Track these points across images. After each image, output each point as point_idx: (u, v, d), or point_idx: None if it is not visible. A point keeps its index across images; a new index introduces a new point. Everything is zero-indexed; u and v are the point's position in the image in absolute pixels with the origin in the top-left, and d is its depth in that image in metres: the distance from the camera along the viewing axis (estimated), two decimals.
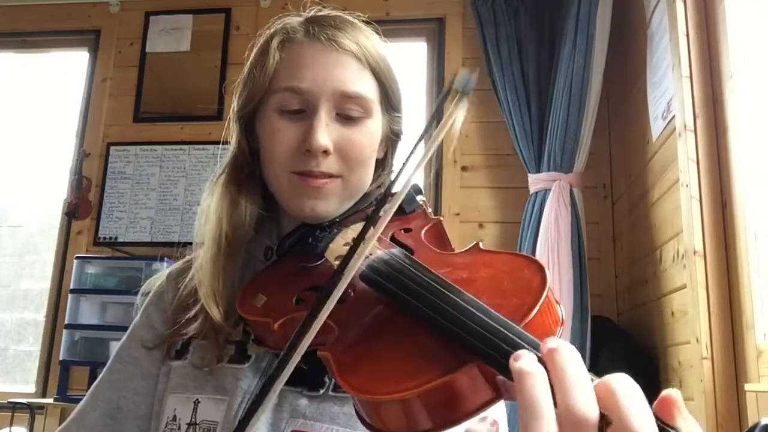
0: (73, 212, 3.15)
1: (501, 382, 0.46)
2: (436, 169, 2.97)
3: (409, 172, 0.55)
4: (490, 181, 2.91)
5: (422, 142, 0.56)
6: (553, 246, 2.45)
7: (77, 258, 2.92)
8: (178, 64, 3.31)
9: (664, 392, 0.39)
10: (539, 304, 0.49)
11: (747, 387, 1.57)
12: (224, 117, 3.15)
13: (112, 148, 3.22)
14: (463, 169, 2.94)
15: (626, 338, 2.43)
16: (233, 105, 0.81)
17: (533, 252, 2.51)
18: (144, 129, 3.24)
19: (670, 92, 2.00)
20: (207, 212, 0.79)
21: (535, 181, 2.64)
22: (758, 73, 1.70)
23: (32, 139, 3.60)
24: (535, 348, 0.43)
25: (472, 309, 0.49)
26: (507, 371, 0.43)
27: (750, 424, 0.43)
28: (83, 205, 3.16)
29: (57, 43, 3.55)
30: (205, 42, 3.30)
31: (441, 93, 0.56)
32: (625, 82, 2.69)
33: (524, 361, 0.40)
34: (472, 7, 2.92)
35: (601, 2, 2.53)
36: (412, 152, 0.56)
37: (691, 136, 1.83)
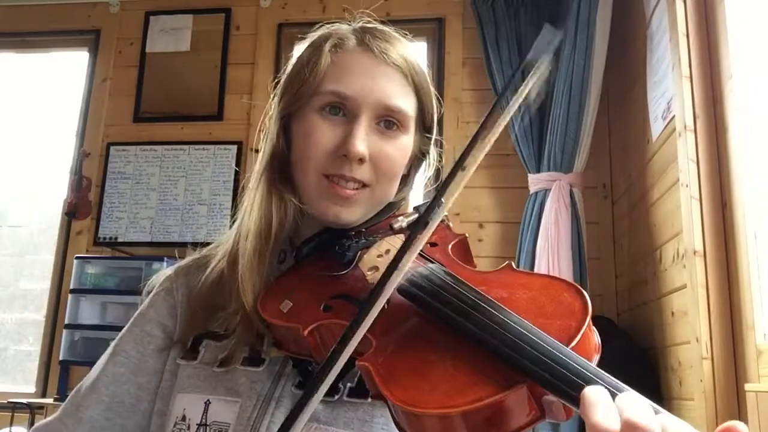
0: (73, 212, 3.15)
1: (547, 403, 0.46)
2: (436, 168, 2.97)
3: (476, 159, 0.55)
4: (490, 181, 2.91)
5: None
6: (553, 246, 2.45)
7: (77, 258, 2.92)
8: (178, 64, 3.31)
9: (729, 424, 0.40)
10: (584, 328, 0.50)
11: (747, 387, 1.57)
12: (224, 117, 3.15)
13: (112, 148, 3.22)
14: (463, 169, 2.93)
15: (626, 338, 2.42)
16: (272, 102, 0.81)
17: (533, 252, 2.51)
18: (144, 129, 3.24)
19: (670, 92, 2.00)
20: (251, 208, 0.78)
21: (535, 181, 2.64)
22: (758, 73, 1.70)
23: (32, 139, 3.60)
24: (591, 372, 0.44)
25: (522, 329, 0.49)
26: (562, 393, 0.44)
27: (750, 424, 0.43)
28: (83, 205, 3.16)
29: (57, 43, 3.55)
30: (205, 42, 3.30)
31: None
32: (625, 82, 2.69)
33: (594, 391, 0.42)
34: (472, 7, 2.92)
35: (601, 2, 2.53)
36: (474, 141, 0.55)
37: (691, 136, 1.83)
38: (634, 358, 2.24)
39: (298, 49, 0.82)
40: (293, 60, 0.81)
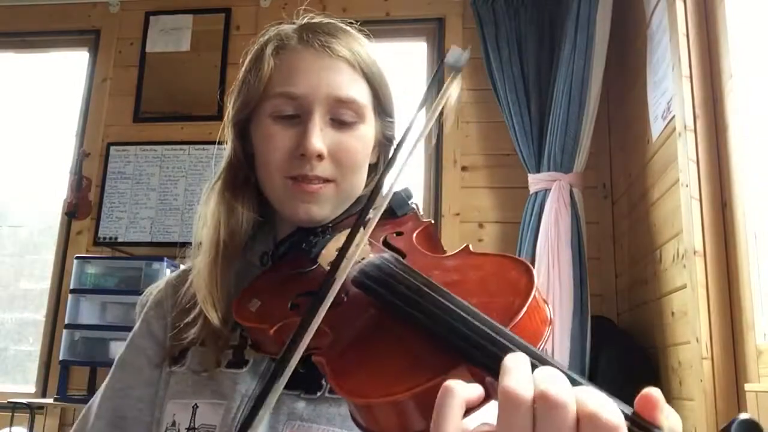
0: (73, 212, 3.15)
1: (490, 384, 0.47)
2: (436, 169, 2.97)
3: (402, 161, 0.56)
4: (490, 181, 2.91)
5: (415, 127, 0.57)
6: (553, 246, 2.45)
7: (77, 258, 2.92)
8: (178, 64, 3.31)
9: (644, 391, 0.39)
10: (527, 305, 0.50)
11: (747, 387, 1.57)
12: (224, 117, 3.15)
13: (112, 148, 3.22)
14: (463, 169, 2.94)
15: (626, 338, 2.42)
16: (228, 111, 0.82)
17: (533, 252, 2.51)
18: (144, 129, 3.24)
19: (670, 92, 2.00)
20: (204, 218, 0.79)
21: (535, 181, 2.64)
22: (758, 73, 1.70)
23: (32, 139, 3.60)
24: (523, 350, 0.44)
25: (462, 312, 0.50)
26: (494, 372, 0.43)
27: None
28: (83, 205, 3.16)
29: (57, 43, 3.55)
30: (205, 42, 3.29)
31: (435, 71, 0.59)
32: (625, 82, 2.69)
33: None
34: (472, 7, 2.92)
35: (601, 2, 2.53)
36: (404, 136, 0.57)
37: (691, 136, 1.83)
38: (634, 358, 2.24)
39: (245, 56, 0.82)
40: (241, 68, 0.82)
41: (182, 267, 0.87)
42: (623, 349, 2.32)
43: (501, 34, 2.82)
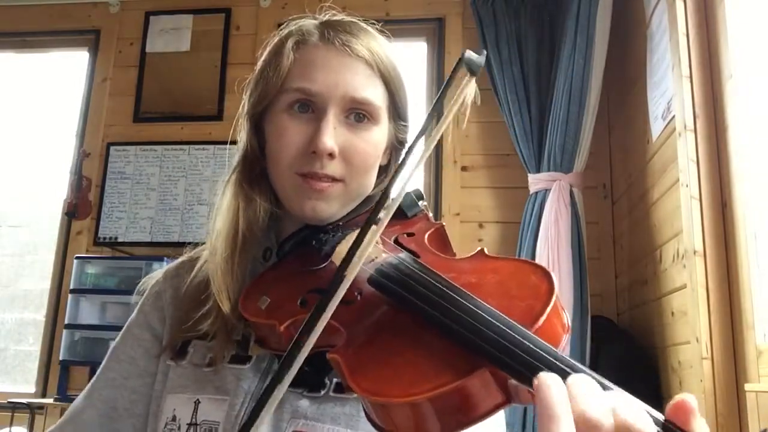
0: (73, 212, 3.15)
1: (512, 387, 0.46)
2: (436, 169, 2.97)
3: (411, 166, 0.56)
4: (490, 181, 2.91)
5: (424, 135, 0.57)
6: (553, 246, 2.45)
7: (77, 258, 2.92)
8: (178, 64, 3.31)
9: (680, 397, 0.39)
10: (548, 309, 0.50)
11: (747, 387, 1.57)
12: (224, 117, 3.15)
13: (112, 148, 3.22)
14: (463, 169, 2.94)
15: (626, 338, 2.43)
16: (243, 103, 0.82)
17: (533, 252, 2.51)
18: (144, 129, 3.24)
19: (670, 92, 2.00)
20: (220, 209, 0.79)
21: (535, 181, 2.65)
22: (758, 73, 1.70)
23: (32, 139, 3.60)
24: (548, 353, 0.44)
25: (484, 315, 0.49)
26: (521, 376, 0.44)
27: (750, 424, 0.43)
28: (83, 205, 3.16)
29: (57, 43, 3.55)
30: (205, 42, 3.30)
31: (450, 75, 0.57)
32: (625, 82, 2.69)
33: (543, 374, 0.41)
34: (472, 7, 2.92)
35: (601, 2, 2.53)
36: (414, 143, 0.56)
37: (691, 136, 1.83)
38: (634, 358, 2.24)
39: (264, 48, 0.82)
40: (260, 60, 0.81)
41: (181, 258, 0.87)
42: (623, 349, 2.32)
43: (501, 34, 2.82)
